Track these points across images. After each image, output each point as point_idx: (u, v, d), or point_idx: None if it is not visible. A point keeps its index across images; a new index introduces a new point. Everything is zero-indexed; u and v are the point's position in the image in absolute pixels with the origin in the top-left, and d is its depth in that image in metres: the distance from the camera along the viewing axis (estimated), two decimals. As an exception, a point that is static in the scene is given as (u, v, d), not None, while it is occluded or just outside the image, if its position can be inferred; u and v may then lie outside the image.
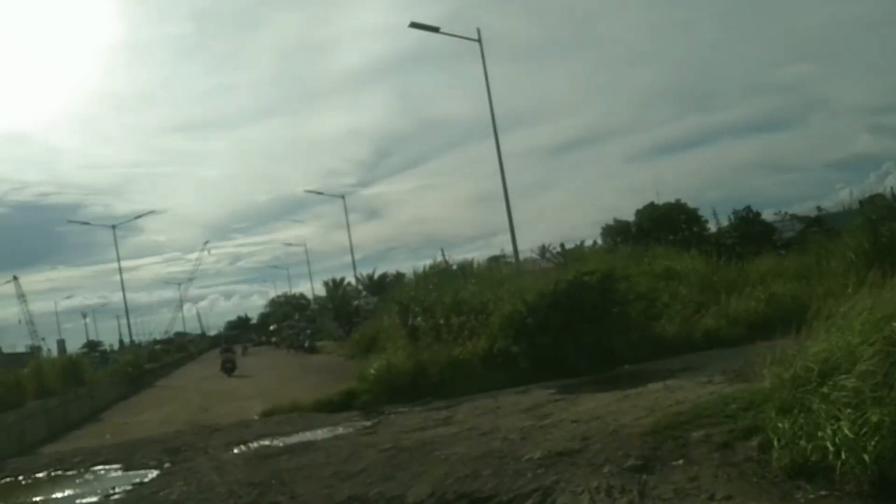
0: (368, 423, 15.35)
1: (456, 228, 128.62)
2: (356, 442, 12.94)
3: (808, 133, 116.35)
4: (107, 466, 15.10)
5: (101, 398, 32.38)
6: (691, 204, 45.32)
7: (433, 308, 24.31)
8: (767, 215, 43.26)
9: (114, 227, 52.74)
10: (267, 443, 14.62)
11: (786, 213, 43.70)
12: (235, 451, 14.19)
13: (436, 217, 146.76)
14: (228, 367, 43.12)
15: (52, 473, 15.25)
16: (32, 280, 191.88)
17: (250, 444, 14.60)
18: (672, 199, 45.97)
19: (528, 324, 18.16)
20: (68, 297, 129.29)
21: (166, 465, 13.85)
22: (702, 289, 21.99)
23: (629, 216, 45.47)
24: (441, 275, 27.08)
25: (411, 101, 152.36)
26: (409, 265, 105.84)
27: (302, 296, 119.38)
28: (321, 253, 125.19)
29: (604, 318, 17.98)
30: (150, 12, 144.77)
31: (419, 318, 25.55)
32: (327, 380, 28.37)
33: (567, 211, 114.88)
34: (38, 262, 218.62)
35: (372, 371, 19.10)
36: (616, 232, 45.21)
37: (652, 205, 46.33)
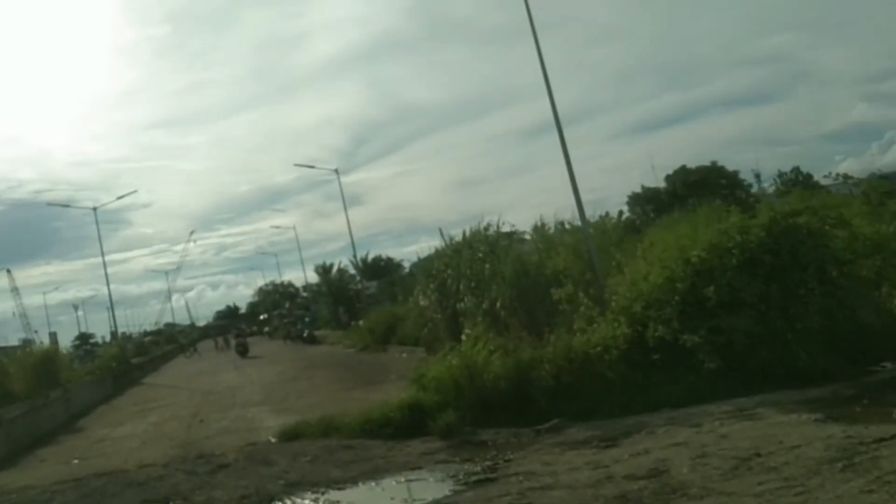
0: (478, 469, 9.79)
1: (438, 213, 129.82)
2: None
3: (798, 104, 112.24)
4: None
5: (80, 401, 27.70)
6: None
7: (486, 285, 18.92)
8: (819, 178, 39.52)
9: (95, 209, 49.94)
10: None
11: (839, 174, 39.46)
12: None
13: (417, 202, 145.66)
14: (241, 351, 48.46)
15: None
16: (28, 275, 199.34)
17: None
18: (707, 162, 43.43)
19: (706, 297, 12.06)
20: (56, 289, 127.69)
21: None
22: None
23: (616, 195, 41.87)
24: (490, 243, 21.43)
25: (385, 88, 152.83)
26: (394, 251, 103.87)
27: (290, 284, 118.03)
28: (305, 241, 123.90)
29: (827, 285, 12.04)
30: (130, 16, 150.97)
31: (466, 299, 20.19)
32: (344, 377, 24.34)
33: (550, 193, 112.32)
34: (33, 258, 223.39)
35: (445, 374, 13.26)
36: (645, 200, 41.09)
37: (684, 168, 43.59)
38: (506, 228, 21.98)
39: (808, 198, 13.46)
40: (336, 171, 50.46)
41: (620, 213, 21.09)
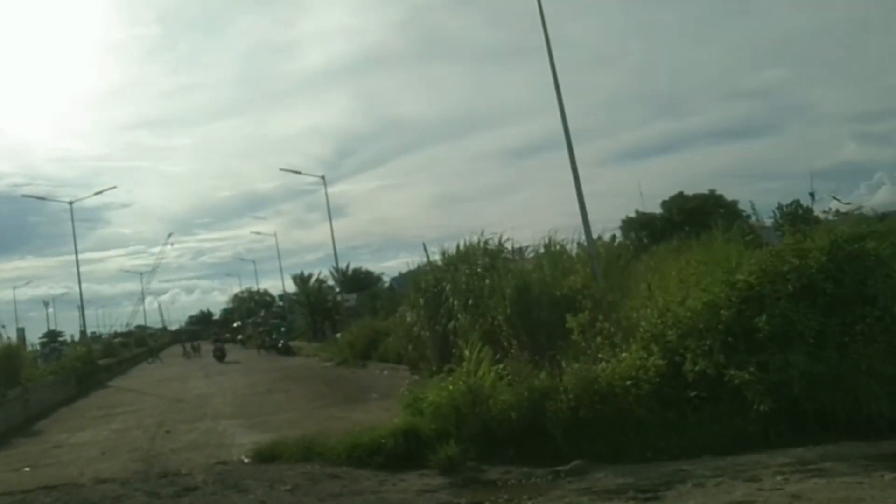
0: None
1: (419, 229, 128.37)
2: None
3: (788, 140, 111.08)
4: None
5: (41, 401, 26.03)
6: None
7: (484, 302, 17.60)
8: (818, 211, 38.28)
9: (71, 203, 47.39)
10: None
11: (838, 209, 38.77)
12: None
13: (398, 217, 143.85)
14: (219, 356, 49.55)
15: None
16: (0, 268, 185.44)
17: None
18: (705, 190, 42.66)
19: (755, 327, 10.40)
20: (26, 284, 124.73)
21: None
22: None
23: (601, 221, 40.81)
24: (491, 257, 19.97)
25: (372, 101, 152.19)
26: (373, 265, 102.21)
27: (266, 292, 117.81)
28: (283, 250, 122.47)
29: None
30: (120, 14, 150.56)
31: (460, 316, 18.79)
32: (322, 393, 22.86)
33: (533, 215, 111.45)
34: (6, 252, 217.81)
35: (445, 399, 11.68)
36: (640, 225, 40.08)
37: (681, 195, 42.65)
38: (508, 244, 20.49)
39: (871, 223, 11.95)
40: (323, 177, 49.16)
41: (613, 237, 19.92)
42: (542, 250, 19.23)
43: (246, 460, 12.90)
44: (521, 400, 10.86)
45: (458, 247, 21.69)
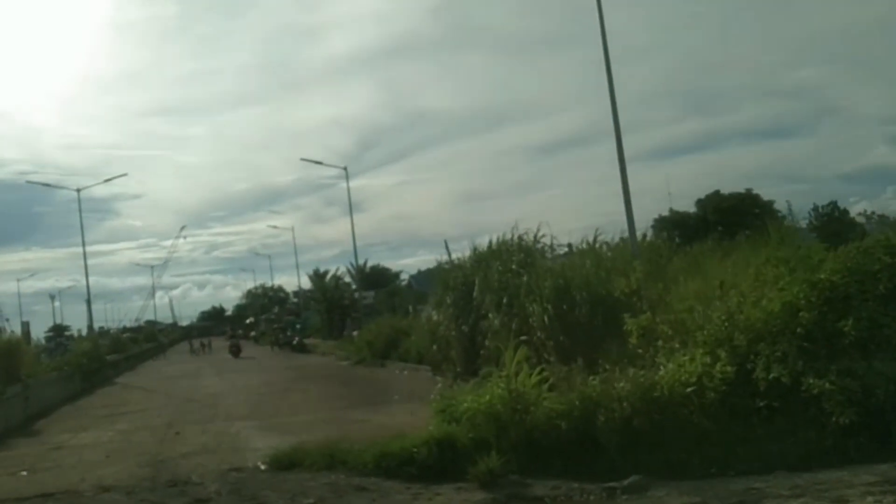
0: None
1: (439, 227, 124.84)
2: None
3: (819, 141, 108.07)
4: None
5: (43, 399, 24.81)
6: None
7: (519, 302, 16.47)
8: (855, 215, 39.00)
9: (78, 190, 45.92)
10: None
11: (873, 212, 39.46)
12: None
13: (418, 214, 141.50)
14: (234, 351, 50.03)
15: None
16: (6, 260, 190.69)
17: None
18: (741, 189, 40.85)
19: (840, 331, 9.31)
20: (31, 276, 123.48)
21: None
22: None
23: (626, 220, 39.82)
24: (526, 252, 18.80)
25: (397, 91, 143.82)
26: (390, 263, 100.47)
27: (280, 288, 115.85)
28: (299, 246, 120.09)
29: None
30: None
31: (491, 315, 17.72)
32: (341, 393, 21.84)
33: (557, 214, 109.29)
34: (11, 242, 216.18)
35: (484, 406, 10.49)
36: (672, 224, 38.93)
37: (717, 194, 41.11)
38: (544, 239, 19.25)
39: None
40: (345, 169, 47.64)
41: (644, 236, 18.77)
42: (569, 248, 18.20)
43: (263, 467, 11.78)
44: (572, 408, 9.68)
45: (490, 243, 20.52)
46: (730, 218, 36.65)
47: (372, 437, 12.22)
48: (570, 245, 17.98)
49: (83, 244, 45.06)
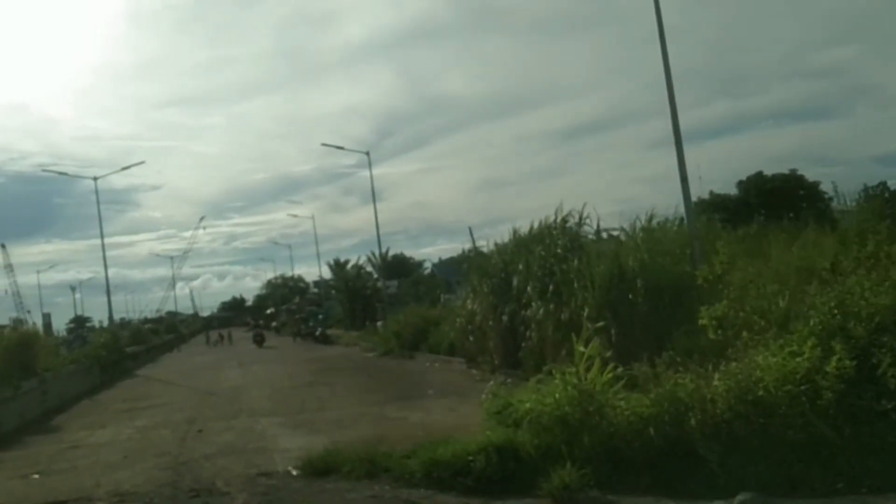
0: None
1: (458, 215, 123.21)
2: None
3: (853, 123, 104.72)
4: None
5: (61, 393, 23.95)
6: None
7: (567, 289, 15.19)
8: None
9: (95, 179, 45.00)
10: None
11: None
12: None
13: (438, 202, 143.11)
14: (258, 341, 51.78)
15: None
16: (26, 252, 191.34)
17: None
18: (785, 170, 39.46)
19: None
20: (51, 268, 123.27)
21: None
22: None
23: (648, 207, 38.53)
24: (571, 237, 17.37)
25: (415, 77, 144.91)
26: (410, 252, 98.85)
27: (300, 278, 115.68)
28: (318, 236, 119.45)
29: None
30: None
31: (534, 304, 16.43)
32: (370, 387, 20.55)
33: (579, 200, 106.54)
34: (32, 234, 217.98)
35: (550, 409, 8.96)
36: (714, 208, 37.61)
37: (760, 175, 39.46)
38: (590, 221, 17.78)
39: None
40: (367, 154, 46.13)
41: (681, 220, 17.43)
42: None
43: (294, 472, 10.58)
44: (660, 412, 8.22)
45: (531, 226, 19.09)
46: (774, 200, 35.38)
47: (412, 437, 11.10)
48: (621, 228, 16.50)
49: (101, 234, 43.84)
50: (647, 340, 12.18)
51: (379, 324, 41.66)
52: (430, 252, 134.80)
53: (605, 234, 17.35)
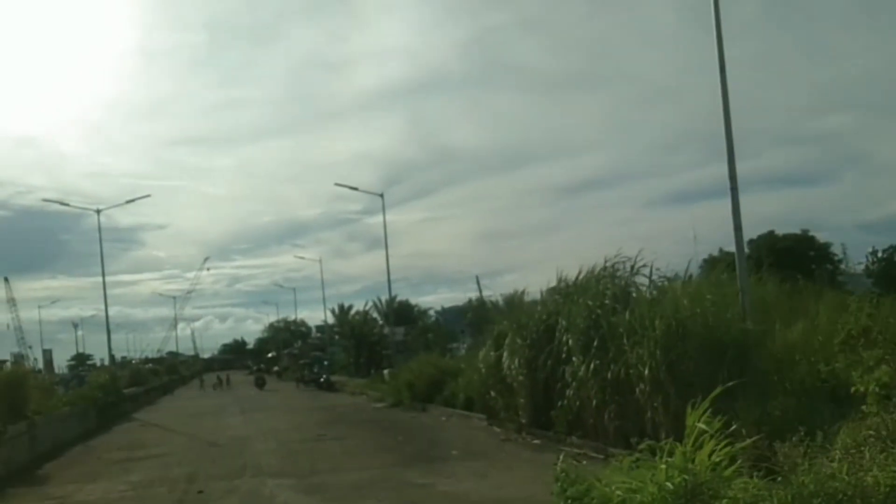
0: None
1: (459, 265, 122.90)
2: None
3: (841, 190, 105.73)
4: None
5: (53, 437, 22.62)
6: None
7: (616, 344, 13.76)
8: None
9: (98, 211, 43.52)
10: None
11: None
12: None
13: (439, 251, 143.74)
14: (260, 383, 54.85)
15: None
16: (30, 287, 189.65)
17: None
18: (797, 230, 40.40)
19: None
20: (53, 304, 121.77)
21: None
22: None
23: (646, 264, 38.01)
24: (621, 287, 15.88)
25: (425, 127, 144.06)
26: (411, 300, 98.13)
27: (303, 322, 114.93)
28: (320, 281, 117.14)
29: None
30: (163, 19, 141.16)
31: (575, 359, 15.02)
32: (385, 444, 19.02)
33: (576, 257, 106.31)
34: (37, 270, 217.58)
35: (647, 499, 6.76)
36: (725, 265, 36.66)
37: (772, 234, 39.89)
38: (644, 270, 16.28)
39: None
40: (381, 195, 44.69)
41: (690, 276, 16.19)
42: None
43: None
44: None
45: (577, 275, 17.62)
46: (785, 259, 34.73)
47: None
48: (675, 276, 15.17)
49: (102, 270, 42.24)
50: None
51: (385, 372, 40.10)
52: (430, 300, 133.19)
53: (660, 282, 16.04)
